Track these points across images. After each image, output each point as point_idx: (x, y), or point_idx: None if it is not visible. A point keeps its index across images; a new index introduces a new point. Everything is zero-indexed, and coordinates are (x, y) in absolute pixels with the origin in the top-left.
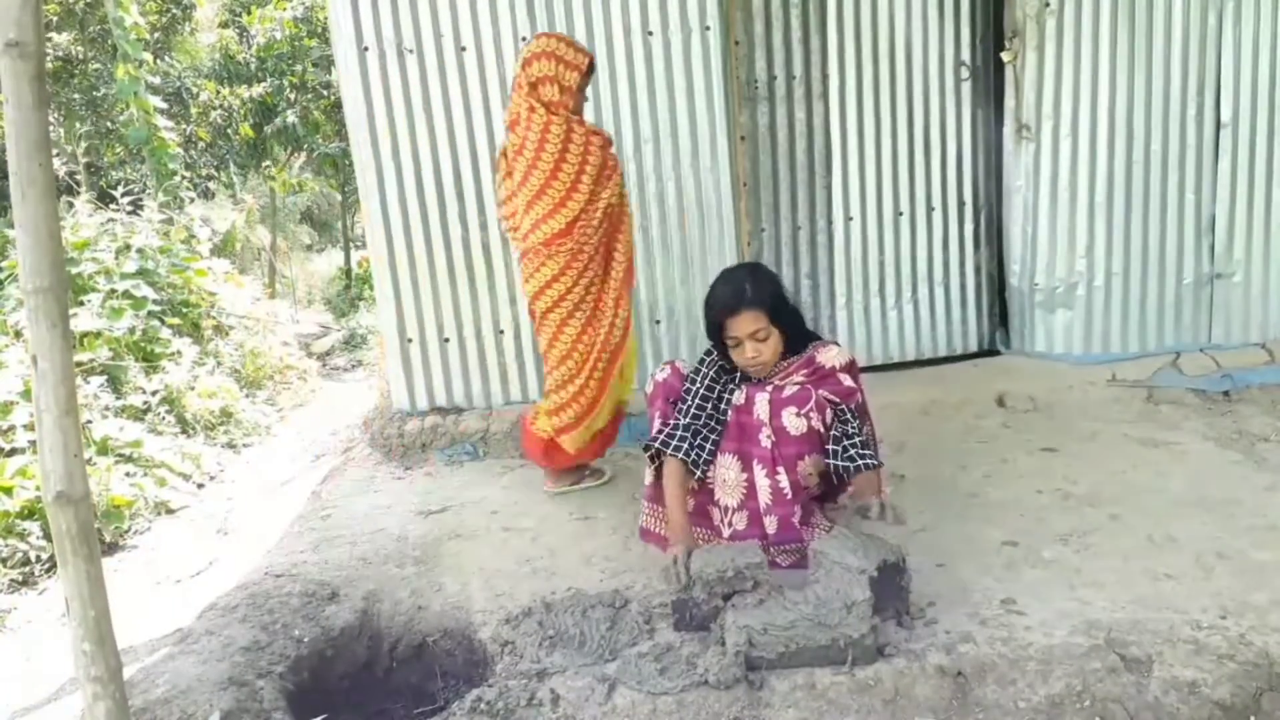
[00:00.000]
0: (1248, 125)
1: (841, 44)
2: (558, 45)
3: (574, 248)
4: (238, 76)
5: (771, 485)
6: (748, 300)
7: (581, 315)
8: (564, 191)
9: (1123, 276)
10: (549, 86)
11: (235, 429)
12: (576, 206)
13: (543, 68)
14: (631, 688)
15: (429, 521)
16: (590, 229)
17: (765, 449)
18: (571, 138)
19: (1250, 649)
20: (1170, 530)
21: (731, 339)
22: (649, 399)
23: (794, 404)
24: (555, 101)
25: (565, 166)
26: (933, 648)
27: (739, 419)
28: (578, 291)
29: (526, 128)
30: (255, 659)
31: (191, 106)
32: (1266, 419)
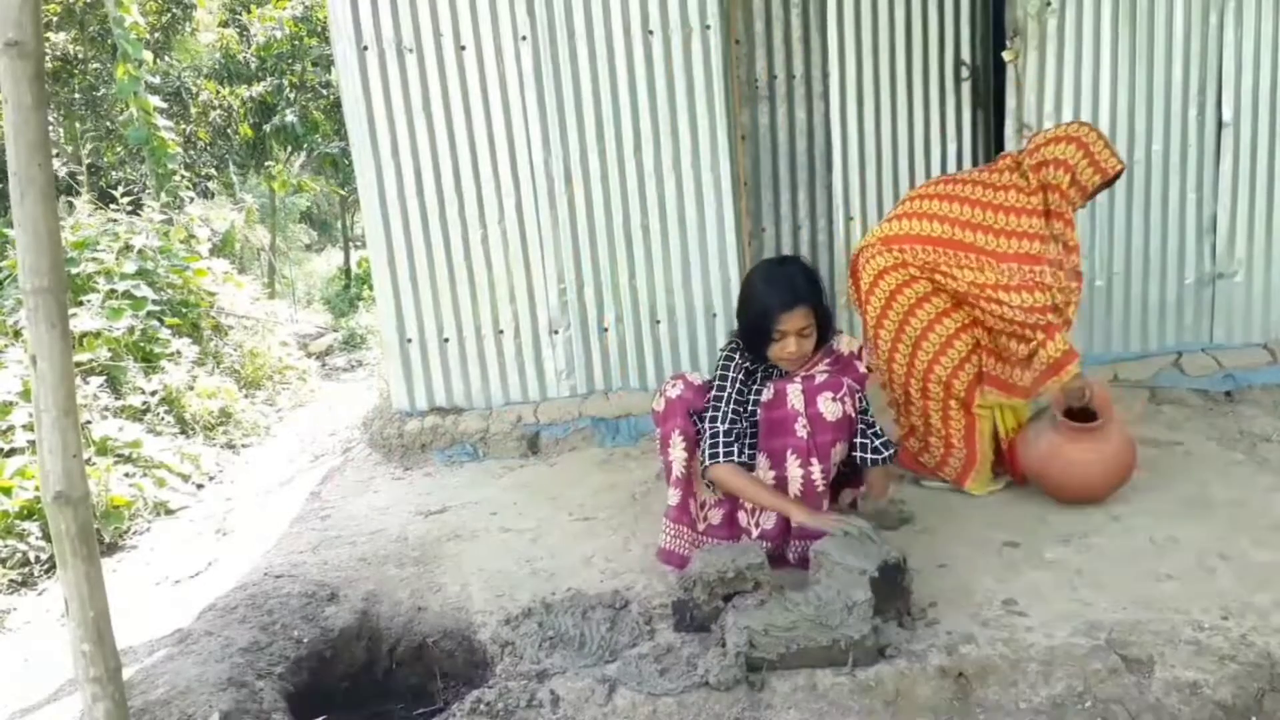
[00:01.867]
0: (1249, 125)
1: (842, 43)
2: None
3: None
4: (238, 76)
5: (804, 475)
6: (802, 296)
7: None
8: None
9: (1124, 276)
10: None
11: (234, 429)
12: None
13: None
14: (632, 689)
15: (428, 522)
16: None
17: (801, 439)
18: None
19: (1252, 650)
20: (1172, 531)
21: (779, 333)
22: (660, 416)
23: (829, 390)
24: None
25: None
26: (934, 648)
27: (768, 416)
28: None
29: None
30: (255, 660)
31: (191, 106)
32: (1268, 419)
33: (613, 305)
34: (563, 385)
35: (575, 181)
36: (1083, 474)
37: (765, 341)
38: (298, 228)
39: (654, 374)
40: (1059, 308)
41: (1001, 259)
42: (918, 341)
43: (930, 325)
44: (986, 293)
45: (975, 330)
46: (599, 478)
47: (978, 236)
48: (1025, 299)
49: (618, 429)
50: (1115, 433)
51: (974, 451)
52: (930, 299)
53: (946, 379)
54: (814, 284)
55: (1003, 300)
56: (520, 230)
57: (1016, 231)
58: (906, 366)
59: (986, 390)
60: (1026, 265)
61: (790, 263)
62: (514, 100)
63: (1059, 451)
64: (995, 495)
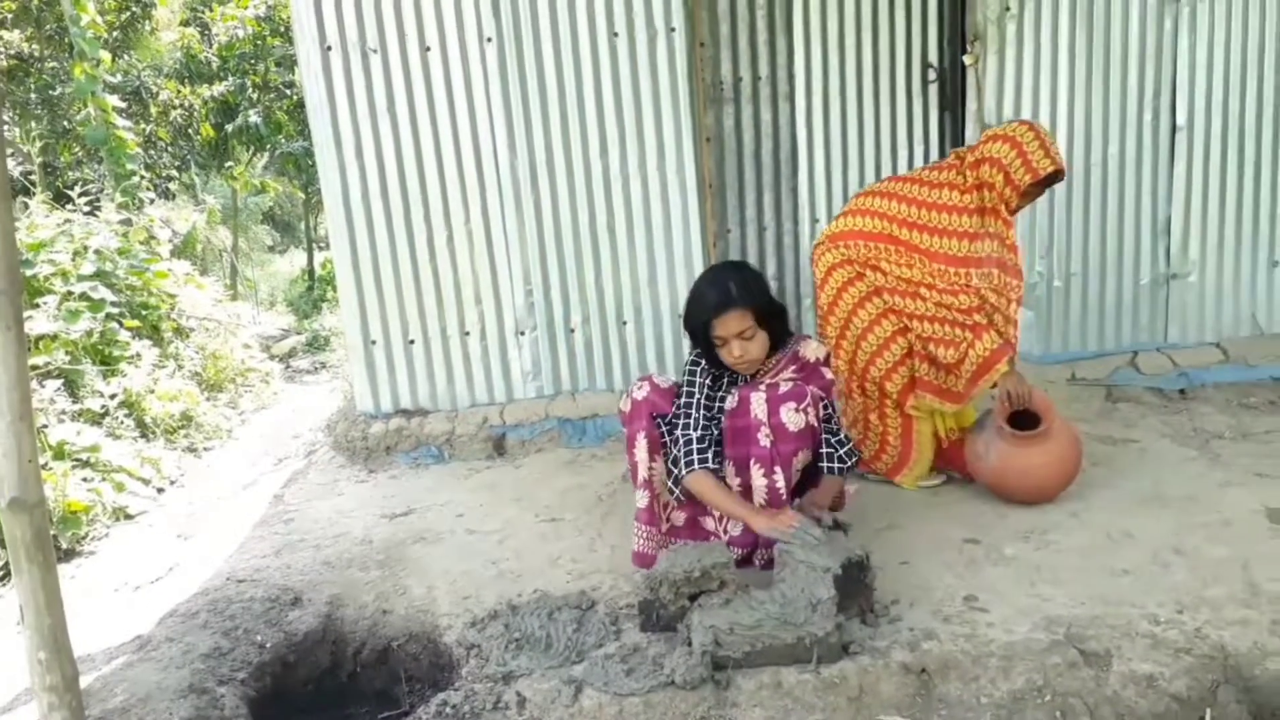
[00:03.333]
0: (1202, 129)
1: (807, 45)
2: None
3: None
4: (199, 75)
5: (768, 485)
6: (734, 300)
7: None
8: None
9: (1082, 277)
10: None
11: (196, 433)
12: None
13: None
14: (598, 689)
15: (393, 525)
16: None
17: (764, 448)
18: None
19: (1206, 642)
20: (1128, 527)
21: (718, 339)
22: (626, 417)
23: (792, 399)
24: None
25: None
26: (897, 645)
27: (733, 424)
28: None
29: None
30: (216, 666)
31: (151, 106)
32: (1221, 417)
33: (579, 306)
34: (529, 386)
35: (541, 182)
36: (1037, 478)
37: (709, 347)
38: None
39: (621, 375)
40: (989, 308)
41: (932, 258)
42: (859, 340)
43: (870, 325)
44: (914, 289)
45: (912, 335)
46: (566, 479)
47: (912, 234)
48: (949, 300)
49: (584, 430)
50: (1060, 433)
51: (909, 449)
52: (872, 298)
53: (880, 379)
54: (749, 286)
55: (927, 298)
56: (486, 231)
57: (947, 230)
58: (848, 363)
59: (920, 395)
60: (953, 268)
61: (727, 267)
62: (479, 101)
63: (1011, 461)
64: (956, 493)
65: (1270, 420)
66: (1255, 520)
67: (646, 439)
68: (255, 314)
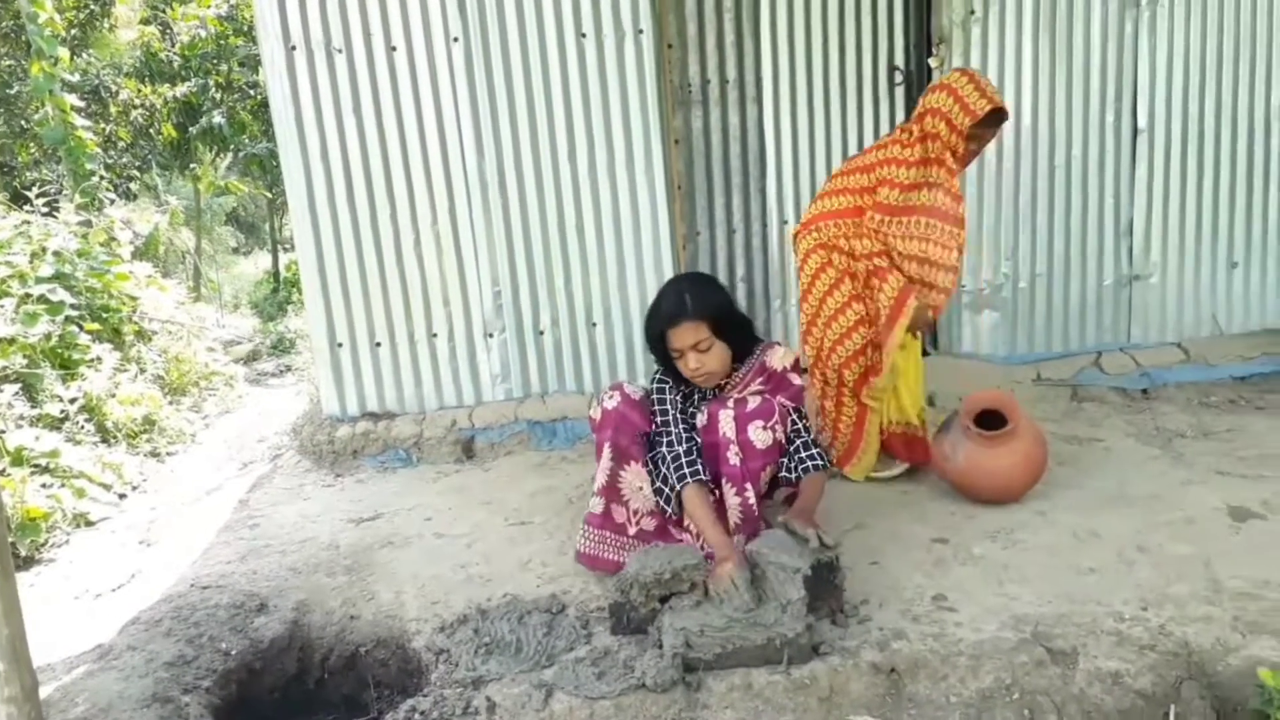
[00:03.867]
0: (1163, 132)
1: (775, 48)
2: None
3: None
4: (160, 75)
5: (742, 503)
6: (688, 312)
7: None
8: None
9: (1046, 278)
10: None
11: (159, 437)
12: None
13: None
14: (569, 693)
15: (361, 529)
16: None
17: (734, 466)
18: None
19: (1170, 639)
20: (1093, 525)
21: (674, 350)
22: (597, 425)
23: (760, 418)
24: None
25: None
26: (866, 645)
27: (705, 439)
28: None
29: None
30: (180, 674)
31: (111, 105)
32: (1183, 416)
33: (548, 308)
34: (498, 389)
35: (509, 184)
36: (1004, 478)
37: (669, 361)
38: (224, 230)
39: (590, 377)
40: (897, 255)
41: (874, 209)
42: (826, 326)
43: (835, 314)
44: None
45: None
46: (535, 481)
47: (864, 199)
48: (865, 246)
49: (554, 432)
50: (1026, 432)
51: (859, 439)
52: (840, 285)
53: (840, 366)
54: (704, 298)
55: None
56: (453, 232)
57: (886, 180)
58: (815, 349)
59: (873, 381)
60: (884, 215)
61: (685, 278)
62: (446, 102)
63: (977, 461)
64: (924, 493)
65: (1230, 419)
66: (1217, 518)
67: (613, 448)
68: (219, 316)
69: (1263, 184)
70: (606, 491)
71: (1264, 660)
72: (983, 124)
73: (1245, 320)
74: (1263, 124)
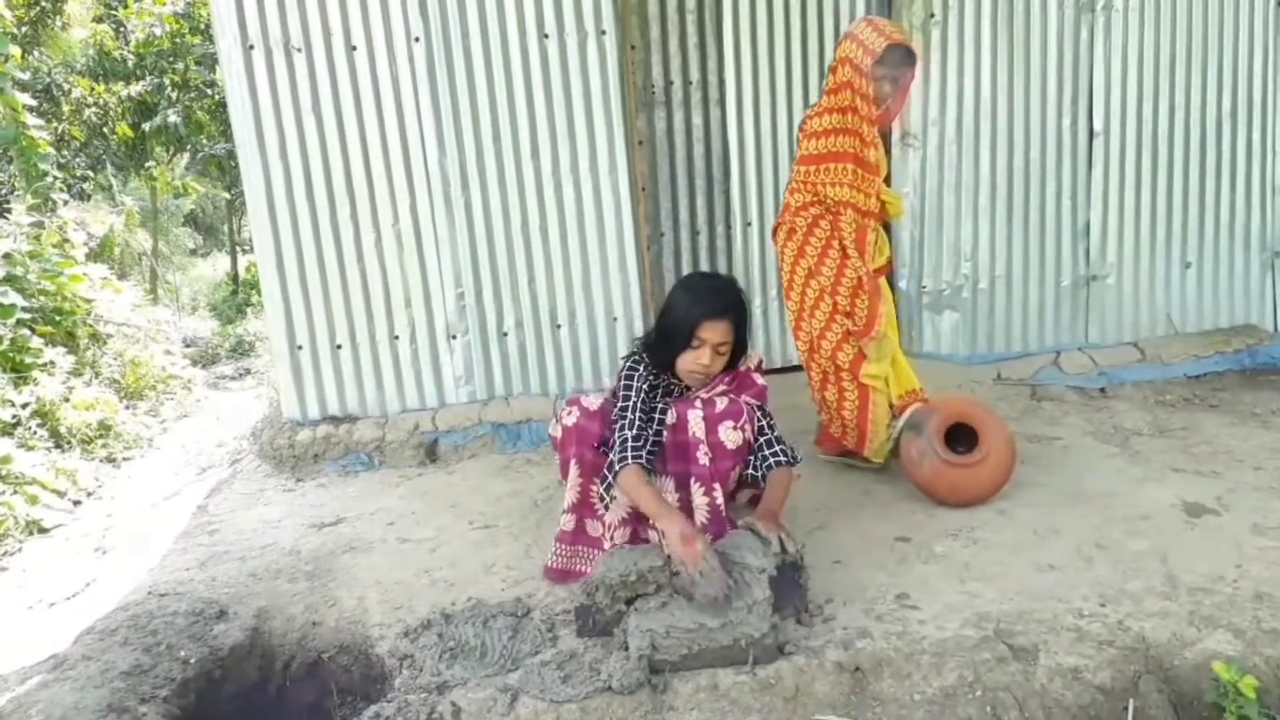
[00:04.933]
0: (1118, 134)
1: (738, 50)
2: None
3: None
4: (114, 73)
5: (709, 503)
6: (731, 309)
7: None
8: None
9: (1005, 279)
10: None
11: (115, 442)
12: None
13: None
14: (534, 697)
15: (322, 534)
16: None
17: (704, 466)
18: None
19: (1128, 634)
20: (1053, 523)
21: (699, 340)
22: (559, 443)
23: (730, 418)
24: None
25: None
26: (831, 644)
27: (674, 439)
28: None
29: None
30: (137, 684)
31: (64, 104)
32: (1139, 414)
33: (512, 310)
34: (462, 391)
35: (471, 184)
36: (968, 496)
37: (681, 346)
38: (182, 231)
39: (555, 379)
40: (829, 201)
41: (801, 161)
42: (810, 315)
43: (815, 303)
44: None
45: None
46: (500, 484)
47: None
48: (798, 199)
49: (519, 435)
50: (993, 457)
51: (865, 422)
52: (812, 279)
53: (831, 352)
54: (743, 306)
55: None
56: (415, 233)
57: (808, 132)
58: (807, 342)
59: (866, 345)
60: (809, 165)
61: (726, 279)
62: (407, 101)
63: (943, 475)
64: (887, 492)
65: (1184, 417)
66: (1173, 514)
67: (579, 463)
68: (177, 319)
69: (1214, 186)
70: (578, 508)
71: (1219, 654)
72: (890, 64)
73: (1199, 320)
74: (1214, 127)
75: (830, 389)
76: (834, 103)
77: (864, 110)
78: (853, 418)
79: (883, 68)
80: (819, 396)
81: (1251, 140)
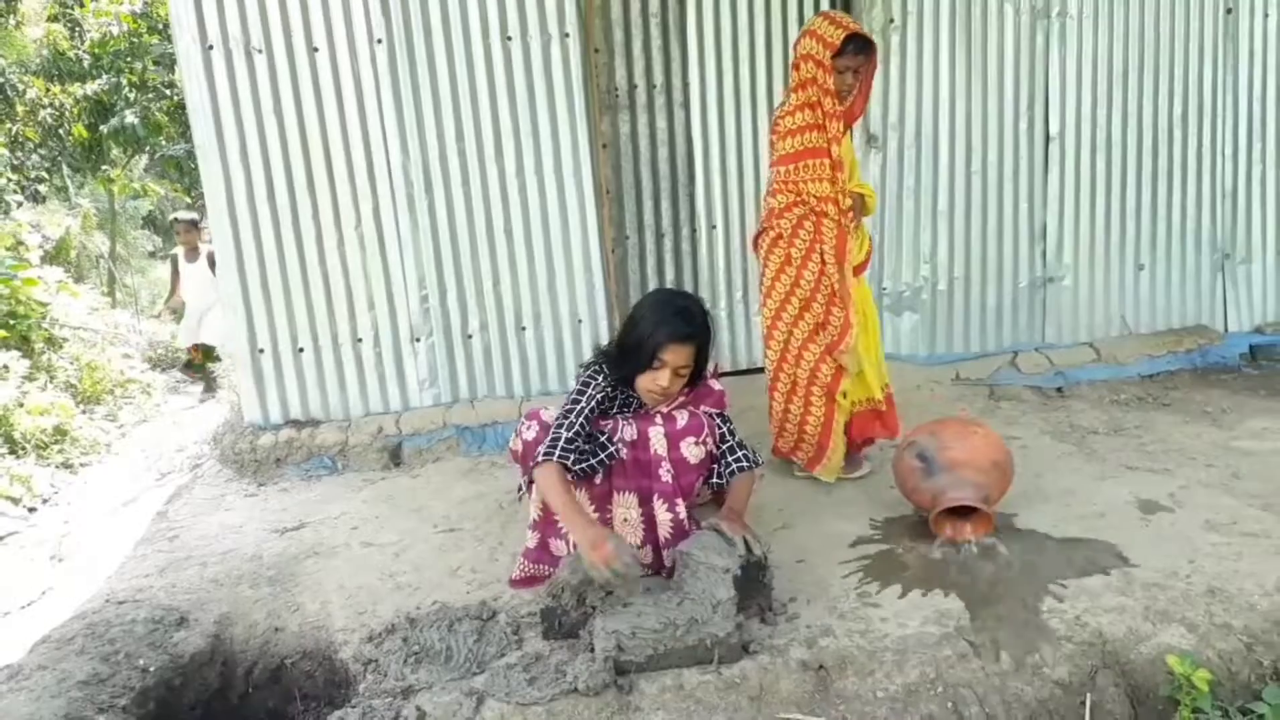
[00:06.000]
0: (1073, 139)
1: (702, 53)
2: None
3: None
4: (70, 74)
5: (673, 519)
6: (697, 333)
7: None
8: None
9: (964, 281)
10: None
11: (71, 448)
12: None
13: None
14: (500, 700)
15: (285, 539)
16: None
17: (666, 483)
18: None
19: (1085, 629)
20: (1013, 521)
21: (660, 363)
22: (519, 456)
23: (691, 434)
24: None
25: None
26: (795, 643)
27: (635, 456)
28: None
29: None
30: (95, 693)
31: (18, 104)
32: (1095, 413)
33: (477, 312)
34: (426, 394)
35: (435, 186)
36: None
37: (642, 366)
38: (140, 234)
39: (520, 381)
40: (810, 199)
41: (779, 163)
42: (793, 325)
43: (800, 315)
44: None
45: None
46: (465, 487)
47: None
48: (780, 201)
49: (484, 437)
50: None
51: (827, 440)
52: (811, 257)
53: (813, 366)
54: (709, 329)
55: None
56: (379, 235)
57: (780, 131)
58: (780, 349)
59: (841, 353)
60: (785, 165)
61: (693, 299)
62: (370, 103)
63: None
64: (849, 492)
65: (1139, 416)
66: (1128, 511)
67: (524, 478)
68: (136, 322)
69: (1166, 190)
70: (542, 526)
71: (1173, 647)
72: (849, 55)
73: (1152, 320)
74: (1166, 132)
75: (796, 402)
76: (801, 99)
77: (828, 105)
78: (815, 434)
79: (843, 59)
80: (781, 407)
81: (1202, 145)
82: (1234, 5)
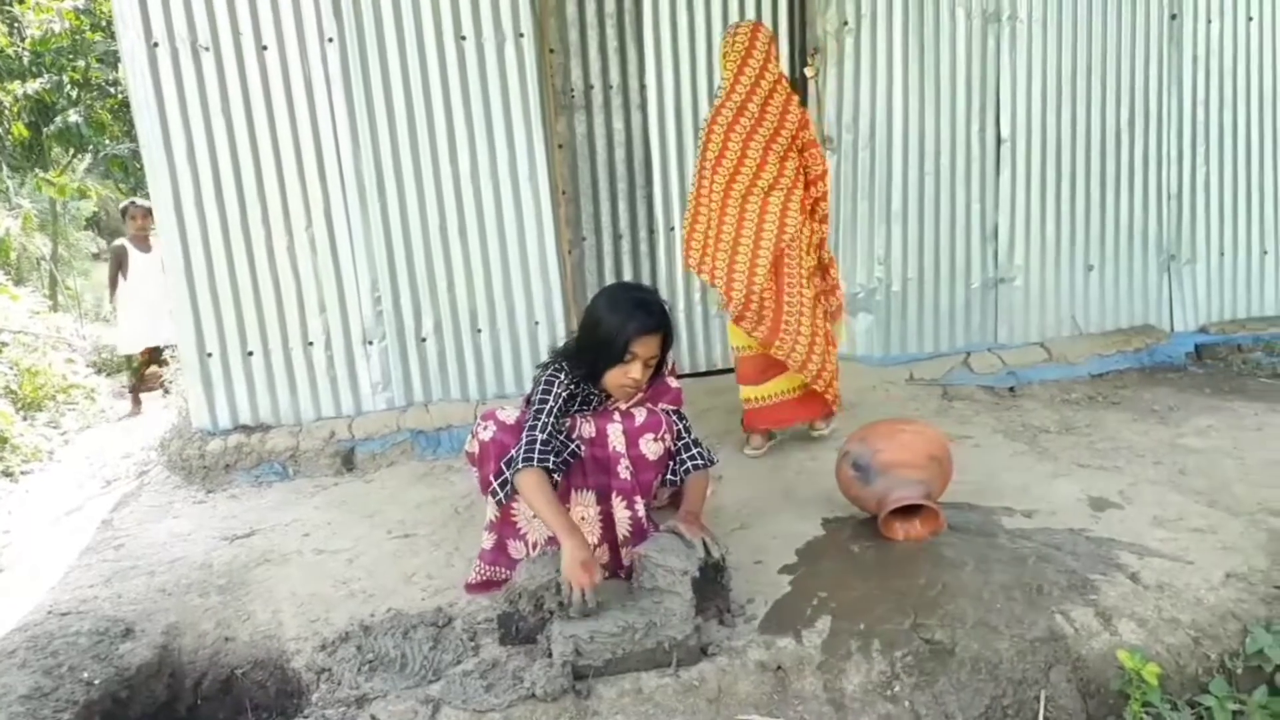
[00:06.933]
0: (1024, 141)
1: (659, 54)
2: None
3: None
4: (9, 72)
5: (631, 517)
6: (663, 324)
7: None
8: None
9: (918, 282)
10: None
11: (11, 455)
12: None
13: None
14: (456, 707)
15: (235, 547)
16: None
17: (625, 480)
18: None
19: (1038, 626)
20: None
21: (631, 355)
22: (475, 459)
23: (649, 430)
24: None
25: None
26: (753, 644)
27: (593, 454)
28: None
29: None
30: (37, 708)
31: None
32: (1046, 412)
33: (430, 314)
34: (379, 398)
35: (388, 187)
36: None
37: (613, 361)
38: (83, 235)
39: (476, 384)
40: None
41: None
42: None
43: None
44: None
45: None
46: (419, 492)
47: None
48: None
49: (439, 441)
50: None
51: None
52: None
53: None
54: (669, 318)
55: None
56: (330, 236)
57: (798, 125)
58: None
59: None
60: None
61: (650, 291)
62: (321, 103)
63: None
64: (807, 490)
65: (1089, 414)
66: (1079, 508)
67: (500, 480)
68: (79, 326)
69: (1114, 192)
70: (499, 527)
71: (1124, 643)
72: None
73: (1101, 320)
74: (1113, 136)
75: (817, 348)
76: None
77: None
78: (833, 374)
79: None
80: (815, 365)
81: (1148, 149)
82: (1178, 11)
